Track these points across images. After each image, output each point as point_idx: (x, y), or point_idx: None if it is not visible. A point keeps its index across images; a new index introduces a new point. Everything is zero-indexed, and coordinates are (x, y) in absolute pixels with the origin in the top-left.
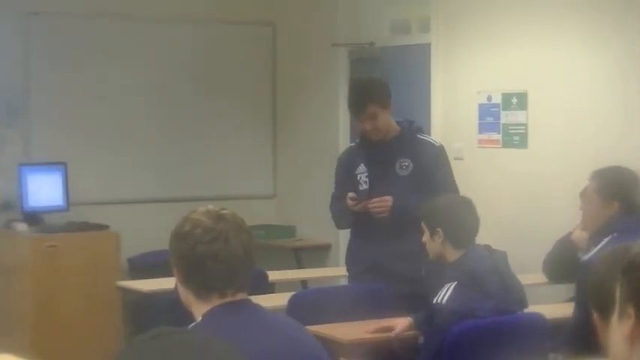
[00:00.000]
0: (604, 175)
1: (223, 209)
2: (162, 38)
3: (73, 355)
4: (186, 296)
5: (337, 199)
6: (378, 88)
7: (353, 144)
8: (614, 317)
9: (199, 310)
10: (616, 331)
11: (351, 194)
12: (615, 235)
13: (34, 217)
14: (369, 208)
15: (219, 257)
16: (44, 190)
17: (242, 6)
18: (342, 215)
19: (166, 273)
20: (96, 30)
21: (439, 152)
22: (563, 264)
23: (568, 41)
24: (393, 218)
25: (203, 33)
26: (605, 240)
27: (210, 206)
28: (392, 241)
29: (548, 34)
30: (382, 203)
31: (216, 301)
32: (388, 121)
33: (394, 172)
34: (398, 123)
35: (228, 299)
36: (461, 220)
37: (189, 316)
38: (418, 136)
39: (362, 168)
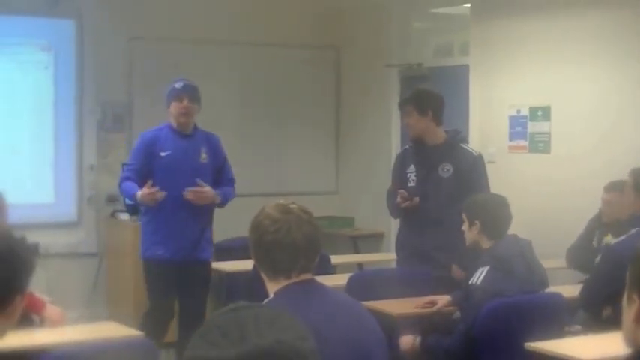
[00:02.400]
0: None
1: (292, 203)
2: (241, 60)
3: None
4: (262, 276)
5: (392, 192)
6: (420, 95)
7: (408, 147)
8: (624, 301)
9: (271, 288)
10: (626, 313)
11: (401, 191)
12: None
13: (134, 209)
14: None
15: (282, 245)
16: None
17: (311, 33)
18: (394, 208)
19: (245, 256)
20: (187, 52)
21: (477, 160)
22: (585, 250)
23: (586, 63)
24: (432, 212)
25: (277, 55)
26: (633, 231)
27: (282, 201)
28: (432, 232)
29: (569, 57)
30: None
31: (283, 282)
32: (422, 125)
33: (437, 174)
34: (446, 132)
35: (293, 280)
36: (496, 215)
37: (263, 292)
38: (461, 145)
39: (412, 168)
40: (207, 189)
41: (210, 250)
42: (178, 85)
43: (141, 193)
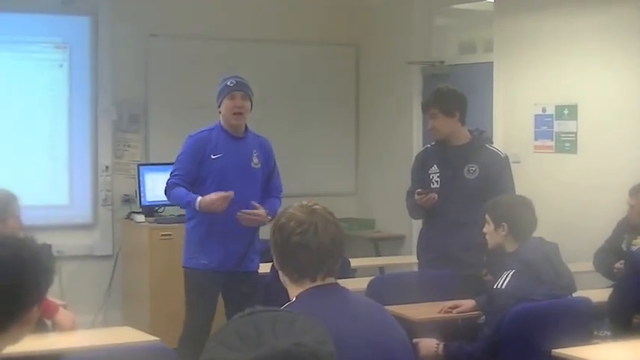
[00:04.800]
0: None
1: (315, 204)
2: (260, 57)
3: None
4: (284, 279)
5: (411, 193)
6: (445, 96)
7: (429, 145)
8: None
9: (294, 291)
10: None
11: (418, 190)
12: None
13: (150, 210)
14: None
15: (309, 247)
16: (159, 186)
17: (330, 30)
18: (414, 208)
19: (263, 259)
20: (205, 49)
21: (504, 162)
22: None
23: (614, 60)
24: (458, 214)
25: (295, 53)
26: None
27: (304, 202)
28: (457, 234)
29: (596, 54)
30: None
31: (307, 285)
32: (449, 127)
33: (462, 175)
34: (470, 132)
35: (318, 283)
36: (523, 217)
37: (282, 296)
38: (487, 145)
39: (435, 169)
40: (261, 212)
41: (257, 261)
42: (230, 82)
43: (205, 199)
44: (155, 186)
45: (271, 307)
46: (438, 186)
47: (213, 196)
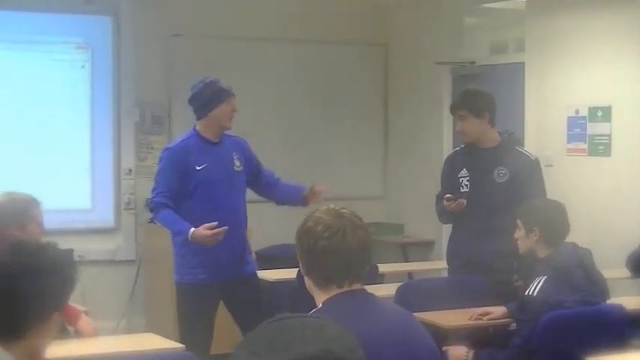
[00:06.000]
0: None
1: (343, 208)
2: (285, 58)
3: None
4: (310, 285)
5: (440, 198)
6: (473, 98)
7: (459, 149)
8: None
9: (320, 297)
10: None
11: (447, 195)
12: None
13: None
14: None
15: (337, 251)
16: None
17: (359, 30)
18: (443, 213)
19: (288, 264)
20: (228, 49)
21: (534, 165)
22: None
23: None
24: (488, 219)
25: (324, 52)
26: None
27: (331, 205)
28: (487, 240)
29: (631, 54)
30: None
31: (334, 291)
32: (478, 129)
33: (492, 178)
34: (499, 134)
35: (345, 289)
36: (556, 223)
37: (307, 302)
38: (517, 148)
39: (464, 172)
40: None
41: (253, 264)
42: (223, 85)
43: (198, 232)
44: None
45: (299, 313)
46: (467, 190)
47: (206, 232)
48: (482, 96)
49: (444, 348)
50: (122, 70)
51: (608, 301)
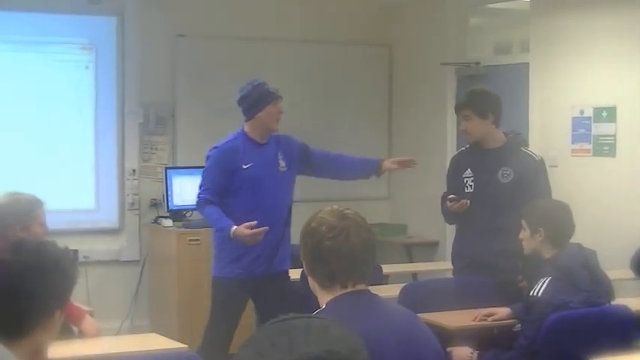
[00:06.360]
0: None
1: (347, 209)
2: (290, 58)
3: None
4: (313, 285)
5: (445, 198)
6: (479, 98)
7: (464, 149)
8: None
9: (324, 298)
10: None
11: (451, 196)
12: None
13: (178, 214)
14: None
15: (341, 252)
16: (187, 190)
17: (363, 31)
18: (447, 214)
19: (293, 265)
20: (232, 50)
21: (539, 166)
22: None
23: None
24: (492, 219)
25: (328, 53)
26: None
27: (335, 206)
28: (491, 240)
29: (635, 55)
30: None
31: (338, 291)
32: (482, 129)
33: (496, 179)
34: (505, 134)
35: (349, 289)
36: (561, 223)
37: (312, 303)
38: (522, 148)
39: (468, 173)
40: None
41: (289, 260)
42: (270, 87)
43: (240, 230)
44: (183, 190)
45: (302, 313)
46: (472, 190)
47: (247, 231)
48: (488, 97)
49: (448, 349)
50: (126, 70)
51: (613, 302)
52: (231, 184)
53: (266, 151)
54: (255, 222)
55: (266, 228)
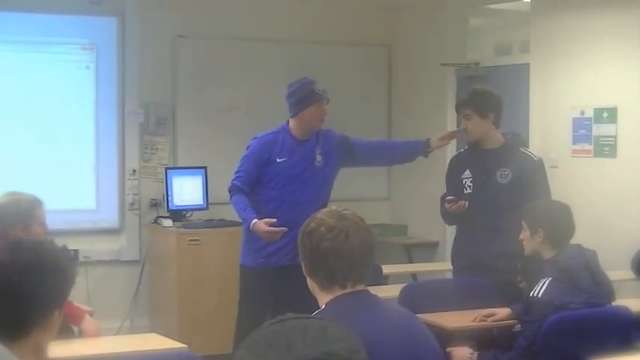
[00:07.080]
0: None
1: (345, 210)
2: (291, 58)
3: (212, 339)
4: (312, 286)
5: (444, 199)
6: (480, 98)
7: (463, 150)
8: None
9: (323, 298)
10: None
11: (449, 197)
12: None
13: (178, 215)
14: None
15: (340, 252)
16: (187, 190)
17: (363, 31)
18: (446, 214)
19: None
20: (233, 50)
21: (537, 166)
22: None
23: None
24: (491, 220)
25: (328, 53)
26: None
27: (334, 207)
28: (491, 241)
29: (636, 55)
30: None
31: (337, 292)
32: (482, 129)
33: (495, 179)
34: (503, 135)
35: (348, 290)
36: (561, 224)
37: (311, 303)
38: (520, 149)
39: (467, 173)
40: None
41: None
42: (318, 88)
43: (258, 225)
44: (183, 190)
45: (301, 314)
46: (470, 191)
47: (265, 227)
48: (490, 97)
49: (448, 349)
50: (127, 70)
51: (613, 303)
52: (263, 176)
53: (305, 147)
54: (275, 220)
55: (284, 229)
